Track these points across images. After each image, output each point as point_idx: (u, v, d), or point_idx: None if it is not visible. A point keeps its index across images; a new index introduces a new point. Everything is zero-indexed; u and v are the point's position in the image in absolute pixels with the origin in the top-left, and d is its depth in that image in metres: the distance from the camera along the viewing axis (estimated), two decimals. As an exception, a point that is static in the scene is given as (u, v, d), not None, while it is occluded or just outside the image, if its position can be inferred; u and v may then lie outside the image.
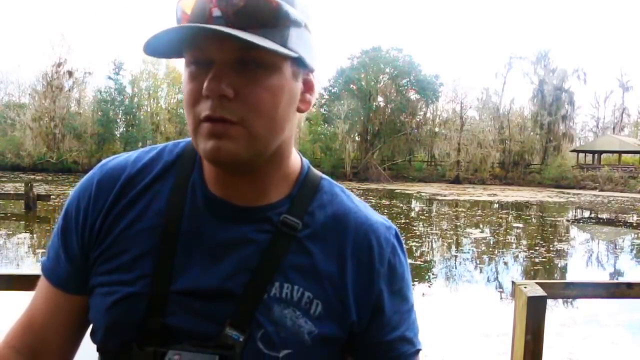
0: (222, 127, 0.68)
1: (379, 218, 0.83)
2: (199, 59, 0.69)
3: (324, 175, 0.86)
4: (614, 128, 57.41)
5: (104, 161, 0.85)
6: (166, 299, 0.73)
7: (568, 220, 20.47)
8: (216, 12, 0.66)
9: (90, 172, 0.84)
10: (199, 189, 0.78)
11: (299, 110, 0.76)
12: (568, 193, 35.05)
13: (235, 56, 0.67)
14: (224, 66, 0.67)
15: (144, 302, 0.74)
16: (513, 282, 2.34)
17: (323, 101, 48.49)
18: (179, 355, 0.71)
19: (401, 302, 0.82)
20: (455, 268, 10.42)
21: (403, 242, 0.85)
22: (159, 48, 0.68)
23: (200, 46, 0.68)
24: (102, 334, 0.77)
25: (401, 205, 24.03)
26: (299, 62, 0.72)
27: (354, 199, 0.85)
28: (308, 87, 0.76)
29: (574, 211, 24.81)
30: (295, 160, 0.83)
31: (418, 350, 0.83)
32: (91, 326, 0.82)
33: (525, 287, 2.21)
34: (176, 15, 0.70)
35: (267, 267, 0.75)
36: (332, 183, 0.85)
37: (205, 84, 0.67)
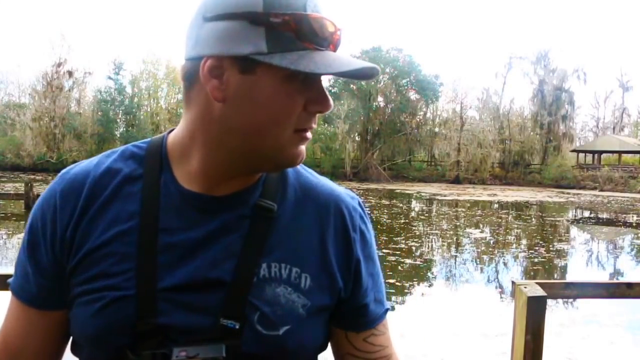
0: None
1: (341, 189, 0.88)
2: (312, 77, 0.73)
3: None
4: (614, 128, 57.40)
5: (63, 170, 0.83)
6: (155, 298, 0.73)
7: (568, 220, 20.46)
8: (338, 39, 0.73)
9: (51, 184, 0.82)
10: (173, 187, 0.79)
11: None
12: (568, 193, 35.04)
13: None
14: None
15: (133, 304, 0.73)
16: (513, 282, 2.34)
17: (323, 101, 48.46)
18: (185, 352, 0.71)
19: (372, 266, 0.87)
20: (455, 268, 10.41)
21: (365, 209, 0.90)
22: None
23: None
24: (89, 345, 0.76)
25: (401, 205, 24.03)
26: None
27: (315, 174, 0.89)
28: None
29: (574, 211, 24.80)
30: None
31: (387, 310, 0.89)
32: (71, 341, 0.81)
33: (525, 287, 2.21)
34: (302, 32, 0.69)
35: (252, 251, 0.77)
36: None
37: (326, 102, 0.74)
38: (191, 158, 0.78)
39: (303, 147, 0.76)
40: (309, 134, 0.76)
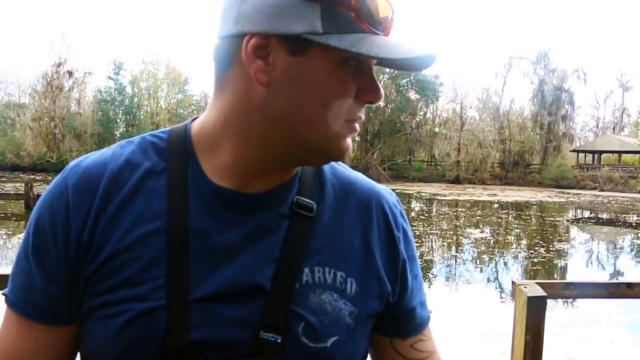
0: None
1: (378, 185, 0.83)
2: (365, 64, 0.67)
3: None
4: (614, 128, 57.40)
5: (72, 163, 0.72)
6: (187, 310, 0.64)
7: (568, 220, 20.46)
8: (392, 24, 0.66)
9: (59, 177, 0.71)
10: (202, 182, 0.70)
11: None
12: (568, 193, 35.03)
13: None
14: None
15: (163, 317, 0.64)
16: (513, 282, 2.34)
17: (323, 101, 48.49)
18: None
19: (415, 266, 0.81)
20: (455, 268, 10.41)
21: None
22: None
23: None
24: None
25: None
26: None
27: (348, 168, 0.83)
28: None
29: (573, 211, 24.80)
30: None
31: (430, 313, 0.84)
32: None
33: (525, 287, 2.22)
34: (362, 12, 0.62)
35: (292, 254, 0.69)
36: None
37: (377, 92, 0.67)
38: (222, 150, 0.69)
39: (350, 140, 0.69)
40: (357, 126, 0.68)
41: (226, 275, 0.66)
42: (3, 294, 0.71)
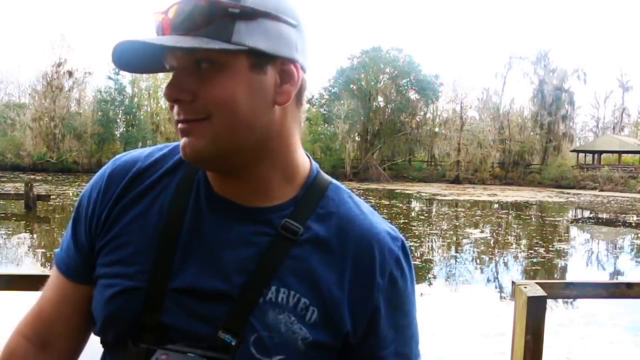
0: (188, 125, 0.71)
1: (385, 227, 0.81)
2: (171, 68, 0.73)
3: (334, 181, 0.84)
4: (614, 128, 57.42)
5: (118, 155, 0.87)
6: (163, 296, 0.73)
7: (568, 220, 20.46)
8: (166, 22, 0.70)
9: (106, 165, 0.86)
10: (203, 186, 0.78)
11: (278, 103, 0.73)
12: (568, 193, 35.05)
13: (189, 60, 0.70)
14: (182, 71, 0.70)
15: (141, 297, 0.73)
16: (513, 282, 2.34)
17: (323, 101, 48.49)
18: (166, 355, 0.70)
19: (400, 317, 0.79)
20: (455, 268, 10.42)
21: (410, 254, 0.82)
22: (134, 64, 0.74)
23: (166, 58, 0.72)
24: (99, 326, 0.78)
25: (401, 205, 24.03)
26: (260, 55, 0.70)
27: (362, 206, 0.82)
28: (287, 77, 0.73)
29: (573, 211, 24.81)
30: (303, 162, 0.81)
31: None
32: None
33: (525, 287, 2.21)
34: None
35: (265, 270, 0.73)
36: (340, 188, 0.83)
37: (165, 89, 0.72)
38: None
39: (184, 141, 0.71)
40: (182, 125, 0.71)
41: (201, 275, 0.74)
42: (55, 251, 0.87)
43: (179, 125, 0.72)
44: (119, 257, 0.77)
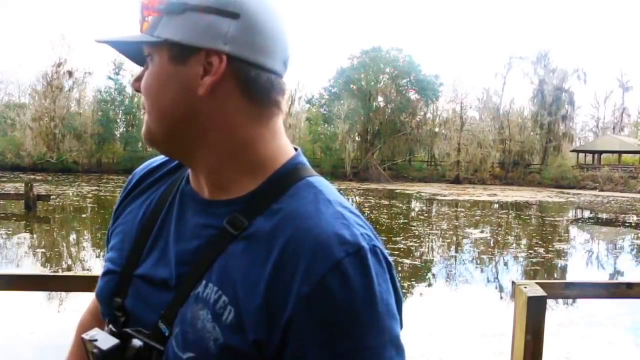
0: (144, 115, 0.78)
1: (339, 228, 0.67)
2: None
3: (312, 177, 0.76)
4: (614, 128, 57.40)
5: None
6: (129, 281, 0.79)
7: (568, 220, 20.46)
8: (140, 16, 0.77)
9: None
10: (184, 181, 0.83)
11: (199, 95, 0.72)
12: (568, 193, 35.05)
13: (145, 53, 0.77)
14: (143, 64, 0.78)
15: (115, 280, 0.81)
16: (513, 282, 2.34)
17: (323, 101, 48.48)
18: (95, 332, 0.75)
19: (338, 338, 0.64)
20: (455, 268, 10.42)
21: (373, 267, 0.66)
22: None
23: None
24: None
25: (401, 205, 24.04)
26: (178, 47, 0.72)
27: (324, 203, 0.71)
28: (210, 69, 0.72)
29: (573, 211, 24.81)
30: (275, 156, 0.76)
31: None
32: None
33: (525, 287, 2.21)
34: None
35: (201, 264, 0.73)
36: (311, 185, 0.74)
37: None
38: None
39: (145, 127, 0.78)
40: (144, 116, 0.78)
41: (157, 264, 0.78)
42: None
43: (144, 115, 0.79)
44: (113, 244, 0.86)
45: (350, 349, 0.64)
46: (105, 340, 0.73)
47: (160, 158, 0.90)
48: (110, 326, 0.78)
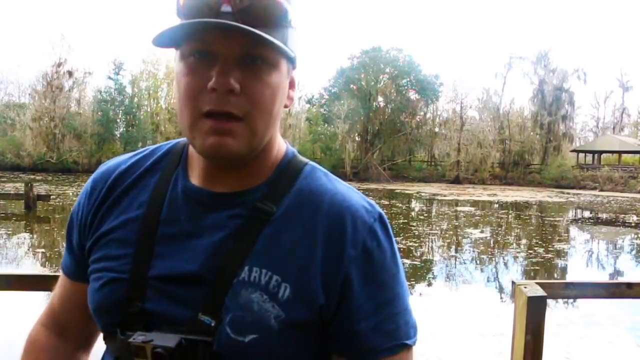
0: (226, 124, 0.71)
1: (360, 200, 0.80)
2: (202, 52, 0.70)
3: (311, 162, 0.86)
4: (614, 128, 57.39)
5: (104, 162, 0.92)
6: (145, 284, 0.77)
7: (568, 220, 20.46)
8: (225, 8, 0.68)
9: (94, 172, 0.91)
10: (181, 180, 0.82)
11: (285, 106, 0.79)
12: (568, 193, 35.04)
13: (241, 52, 0.70)
14: (230, 61, 0.69)
15: (125, 287, 0.78)
16: (513, 282, 2.34)
17: (323, 101, 48.47)
18: (143, 336, 0.72)
19: (378, 291, 0.77)
20: (454, 268, 10.42)
21: (390, 228, 0.81)
22: (163, 39, 0.71)
23: (205, 39, 0.69)
24: (94, 317, 0.83)
25: (400, 205, 24.03)
26: (291, 61, 0.77)
27: (335, 181, 0.83)
28: (292, 84, 0.81)
29: (573, 211, 24.80)
30: (279, 147, 0.84)
31: (400, 345, 0.77)
32: None
33: (525, 287, 2.21)
34: (177, 6, 0.72)
35: (238, 251, 0.75)
36: (315, 168, 0.85)
37: (214, 78, 0.69)
38: None
39: (217, 139, 0.71)
40: (220, 124, 0.70)
41: (179, 261, 0.77)
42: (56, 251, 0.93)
43: (212, 121, 0.71)
44: (104, 253, 0.82)
45: (387, 300, 0.77)
46: (164, 338, 0.71)
47: (125, 159, 0.88)
48: (119, 333, 0.76)
